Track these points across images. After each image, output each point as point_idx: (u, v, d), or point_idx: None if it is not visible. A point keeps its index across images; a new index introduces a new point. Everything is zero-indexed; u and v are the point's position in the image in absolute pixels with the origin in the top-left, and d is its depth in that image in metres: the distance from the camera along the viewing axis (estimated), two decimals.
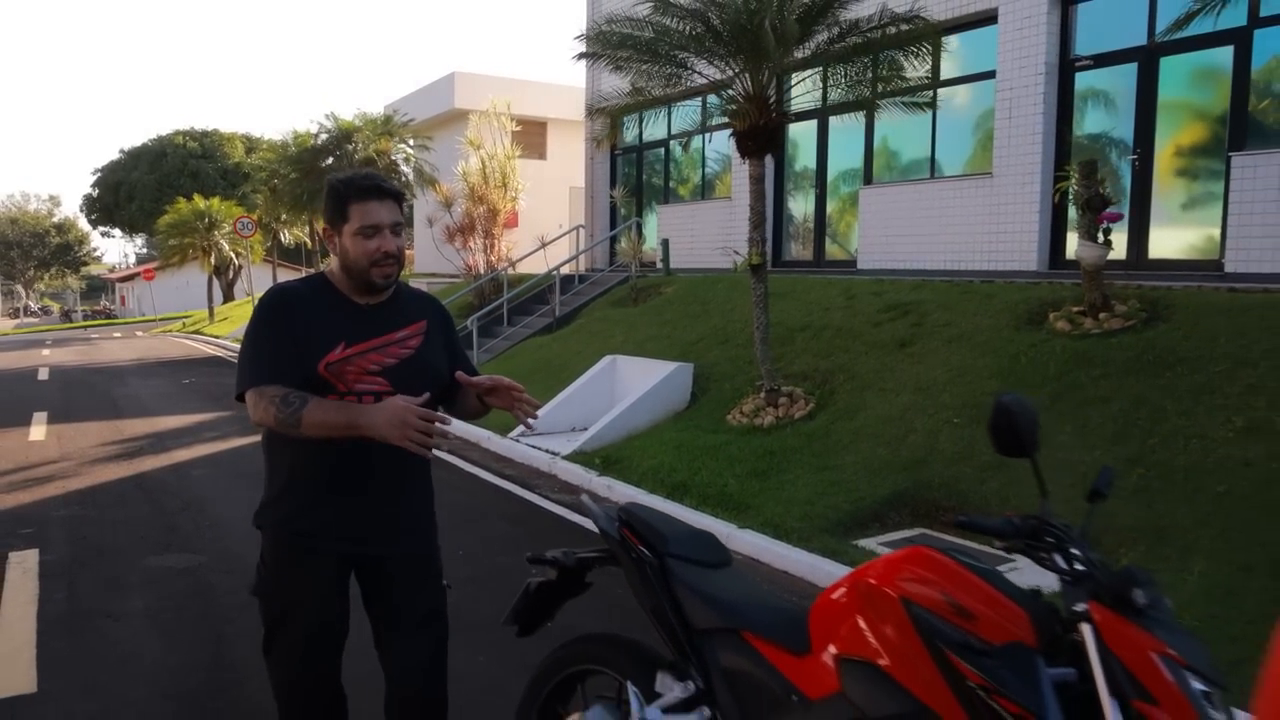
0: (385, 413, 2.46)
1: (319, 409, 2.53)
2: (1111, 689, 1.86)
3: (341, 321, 2.69)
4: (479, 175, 17.17)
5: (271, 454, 2.79)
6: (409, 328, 2.77)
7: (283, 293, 2.73)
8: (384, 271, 2.67)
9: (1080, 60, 11.35)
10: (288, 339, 2.63)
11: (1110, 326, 7.76)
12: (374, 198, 2.63)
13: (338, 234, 2.67)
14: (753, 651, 2.41)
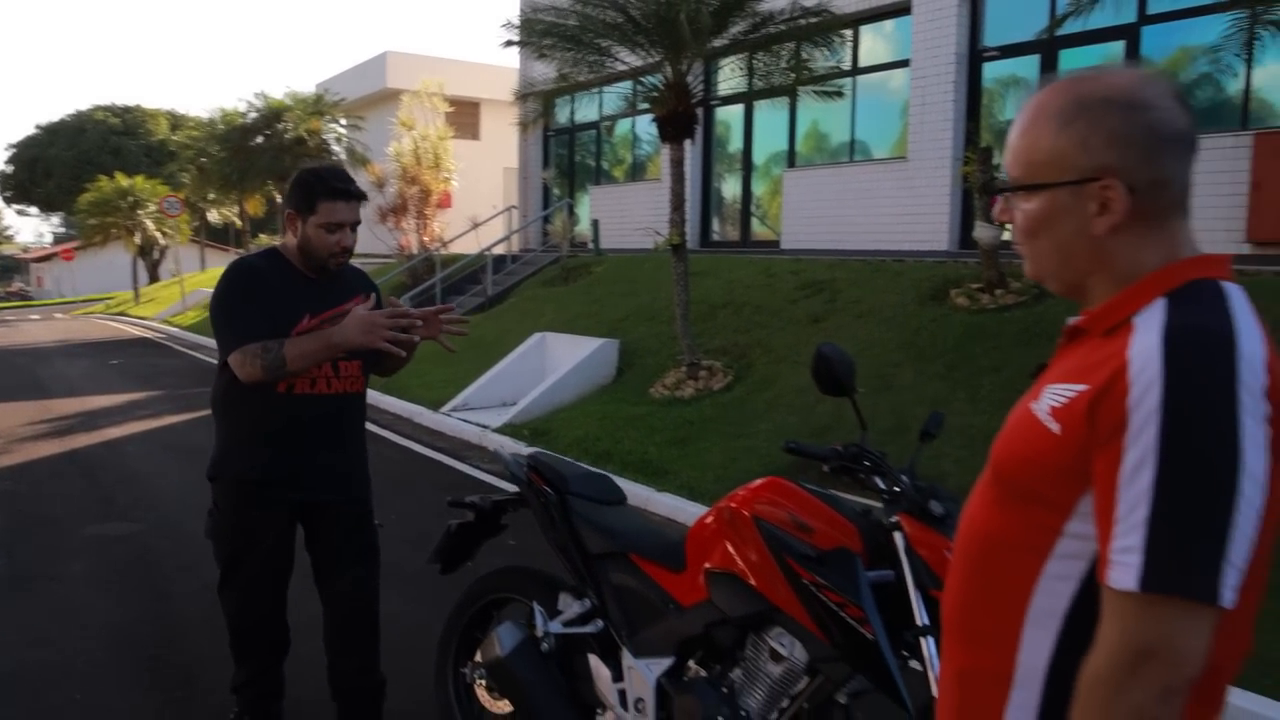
0: (355, 325, 2.82)
1: (296, 345, 2.90)
2: (916, 582, 2.30)
3: (303, 295, 3.05)
4: (412, 156, 17.31)
5: (225, 413, 3.14)
6: (353, 301, 3.13)
7: (249, 266, 3.09)
8: (338, 261, 3.05)
9: (988, 51, 11.93)
10: (259, 305, 2.98)
11: (1004, 302, 8.33)
12: (342, 199, 3.00)
13: (302, 221, 3.02)
14: (638, 571, 2.82)
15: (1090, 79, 1.32)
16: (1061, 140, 1.31)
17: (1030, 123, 1.35)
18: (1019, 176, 1.38)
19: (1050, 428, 1.27)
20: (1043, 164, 1.34)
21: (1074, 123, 1.30)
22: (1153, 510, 1.13)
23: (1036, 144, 1.34)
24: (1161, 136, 1.27)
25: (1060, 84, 1.34)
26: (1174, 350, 1.17)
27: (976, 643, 1.40)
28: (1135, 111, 1.27)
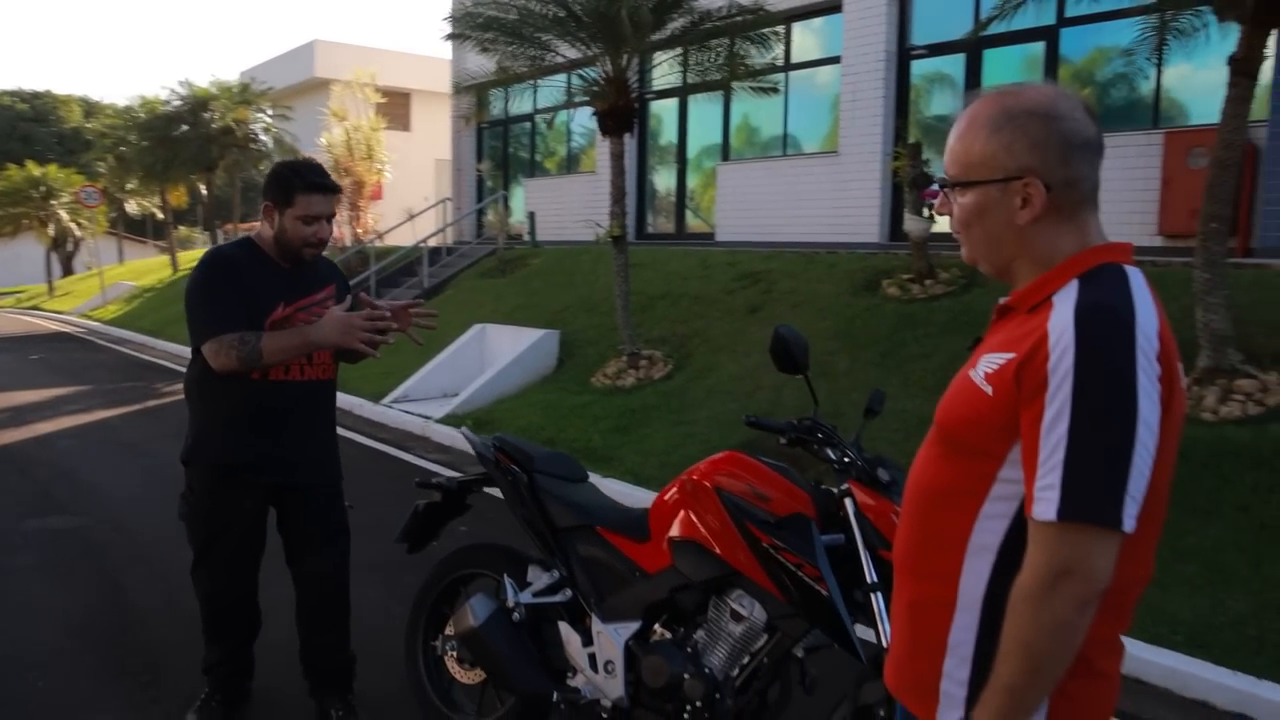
0: (333, 325, 2.95)
1: (273, 339, 3.02)
2: (865, 542, 2.51)
3: (278, 284, 3.16)
4: (344, 146, 17.18)
5: (200, 400, 3.24)
6: (324, 290, 3.26)
7: (225, 256, 3.19)
8: (313, 252, 3.16)
9: (916, 49, 12.30)
10: (235, 294, 3.07)
11: (934, 292, 8.66)
12: (319, 192, 3.11)
13: (279, 213, 3.12)
14: (604, 542, 2.99)
15: (1015, 93, 1.55)
16: (991, 145, 1.54)
17: (965, 129, 1.58)
18: (956, 175, 1.60)
19: (985, 390, 1.50)
20: (976, 164, 1.56)
21: (1001, 130, 1.53)
22: (1067, 454, 1.36)
23: (970, 148, 1.56)
24: (1073, 143, 1.51)
25: (990, 97, 1.57)
26: (1084, 323, 1.40)
27: (925, 577, 1.61)
28: (1052, 121, 1.51)
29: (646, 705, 2.80)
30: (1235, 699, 3.81)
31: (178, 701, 3.62)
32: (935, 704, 1.57)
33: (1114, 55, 10.54)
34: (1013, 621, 1.41)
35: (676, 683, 2.70)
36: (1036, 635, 1.37)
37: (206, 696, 3.46)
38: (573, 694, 2.95)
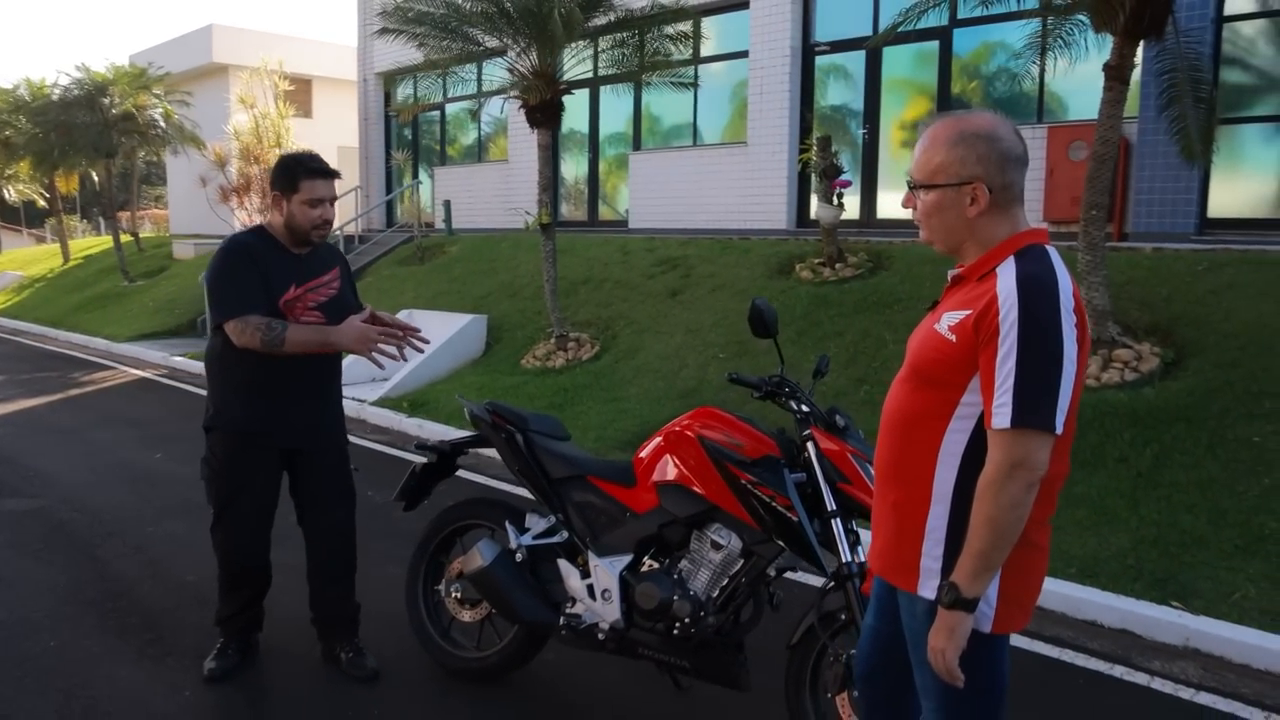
0: (353, 332, 3.36)
1: (297, 331, 3.39)
2: (825, 477, 3.02)
3: (289, 267, 3.51)
4: (252, 134, 17.07)
5: (220, 372, 3.57)
6: (330, 273, 3.62)
7: (242, 243, 3.53)
8: (321, 233, 3.51)
9: (819, 46, 12.96)
10: (255, 277, 3.41)
11: (844, 275, 9.30)
12: (320, 177, 3.47)
13: (286, 200, 3.47)
14: (596, 489, 3.44)
15: (967, 119, 2.10)
16: (950, 157, 2.08)
17: (929, 145, 2.12)
18: (921, 180, 2.14)
19: (950, 339, 2.03)
20: (937, 171, 2.10)
21: (956, 146, 2.07)
22: (1016, 380, 1.90)
23: (933, 159, 2.10)
24: (1009, 158, 2.06)
25: (948, 121, 2.11)
26: (1024, 287, 1.96)
27: (904, 482, 2.13)
28: (994, 142, 2.06)
29: (640, 625, 3.27)
30: (1119, 618, 4.46)
31: (189, 654, 3.93)
32: (917, 578, 2.10)
33: (1001, 54, 11.38)
34: (980, 504, 1.93)
35: (666, 604, 3.17)
36: (998, 512, 1.90)
37: (222, 646, 3.79)
38: (574, 620, 3.40)
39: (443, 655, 3.80)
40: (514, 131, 16.77)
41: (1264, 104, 9.76)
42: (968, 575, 1.96)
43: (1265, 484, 5.29)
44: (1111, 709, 3.71)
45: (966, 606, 1.97)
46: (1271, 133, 9.74)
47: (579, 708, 3.59)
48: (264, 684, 3.72)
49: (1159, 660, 4.14)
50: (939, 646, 2.00)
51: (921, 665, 2.17)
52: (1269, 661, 4.06)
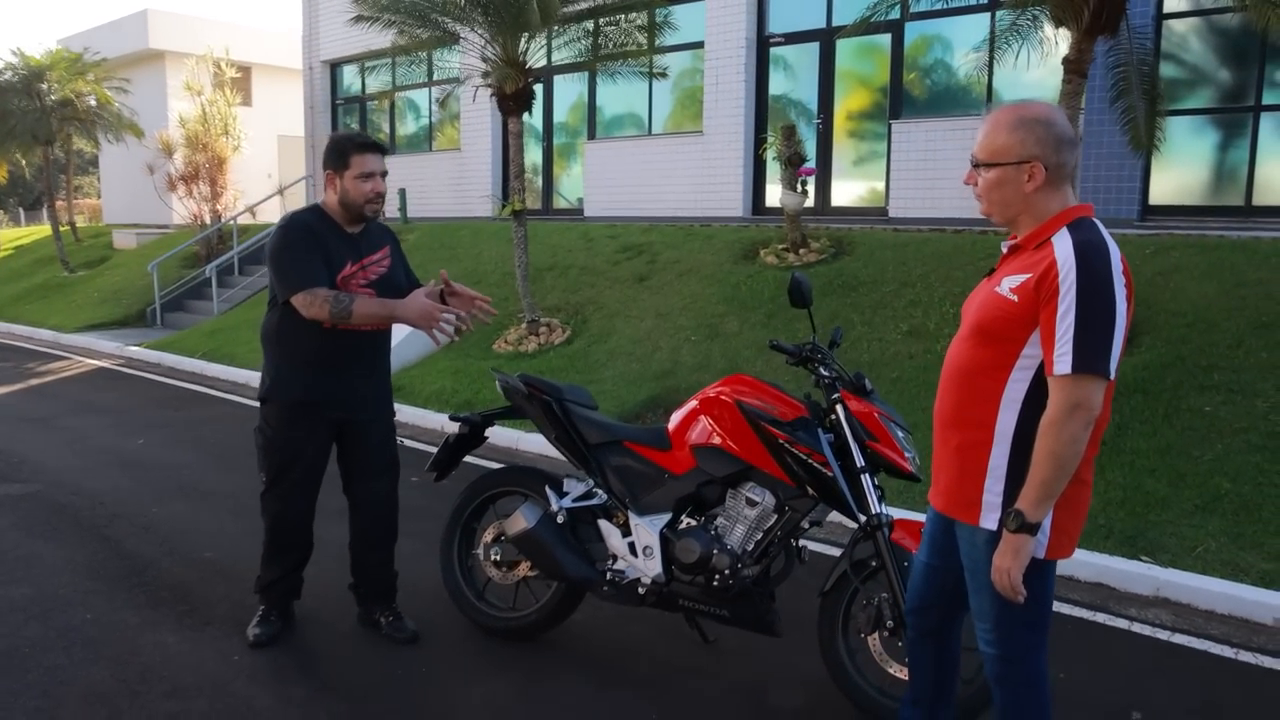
0: (417, 308, 3.51)
1: (364, 305, 3.54)
2: (854, 436, 3.28)
3: (345, 245, 3.67)
4: (200, 121, 16.85)
5: (277, 346, 3.73)
6: (381, 251, 3.78)
7: (302, 220, 3.67)
8: (374, 207, 3.67)
9: (774, 38, 13.27)
10: (319, 252, 3.56)
11: (809, 259, 9.62)
12: (371, 152, 3.63)
13: (339, 177, 3.62)
14: (633, 453, 3.67)
15: (1026, 106, 2.38)
16: (1011, 139, 2.34)
17: (991, 129, 2.39)
18: (985, 159, 2.40)
19: (1012, 299, 2.31)
20: (999, 151, 2.37)
21: (1017, 130, 2.34)
22: (1075, 332, 2.18)
23: (995, 141, 2.36)
24: (1062, 141, 2.34)
25: (1008, 108, 2.38)
26: (1080, 252, 2.24)
27: (968, 426, 2.40)
28: (1049, 126, 2.33)
29: (680, 579, 3.50)
30: (1095, 572, 4.82)
31: (228, 623, 4.06)
32: (979, 511, 2.38)
33: (951, 47, 11.80)
34: (1043, 440, 2.21)
35: (706, 558, 3.42)
36: (1060, 447, 2.18)
37: (264, 613, 3.94)
38: (617, 576, 3.62)
39: (480, 616, 3.99)
40: (467, 120, 16.83)
41: (1196, 98, 10.32)
42: (1032, 503, 2.24)
43: (1218, 449, 5.71)
44: (1102, 649, 4.05)
45: (1030, 530, 2.25)
46: (1202, 125, 10.31)
47: (614, 662, 3.81)
48: (310, 647, 3.88)
49: (1134, 608, 4.50)
50: (1005, 566, 2.28)
51: (979, 591, 2.45)
52: (1232, 607, 4.45)
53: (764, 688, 3.60)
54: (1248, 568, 4.71)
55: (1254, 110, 9.91)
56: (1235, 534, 5.01)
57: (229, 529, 5.35)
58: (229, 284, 15.21)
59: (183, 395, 9.92)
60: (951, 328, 7.79)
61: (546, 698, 3.49)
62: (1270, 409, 5.94)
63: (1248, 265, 7.55)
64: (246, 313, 13.72)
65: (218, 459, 7.06)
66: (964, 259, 8.91)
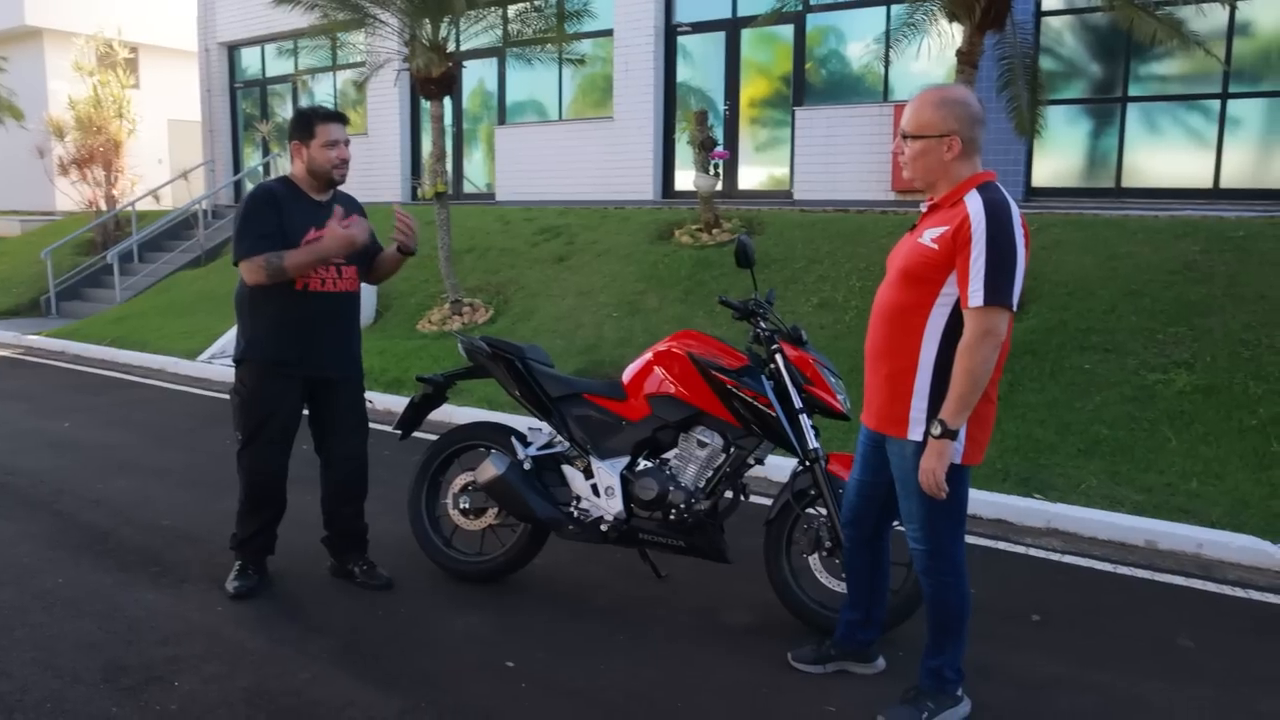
0: (335, 241, 3.82)
1: (292, 256, 3.84)
2: (793, 381, 3.71)
3: (310, 213, 3.92)
4: (91, 103, 16.39)
5: (251, 308, 3.97)
6: (348, 219, 4.03)
7: (266, 190, 3.92)
8: (341, 172, 3.95)
9: (681, 27, 13.70)
10: (273, 221, 3.81)
11: (722, 239, 10.09)
12: (334, 121, 3.92)
13: (306, 147, 3.89)
14: (592, 404, 4.04)
15: (948, 89, 2.87)
16: (935, 116, 2.82)
17: (919, 106, 2.87)
18: (912, 131, 2.84)
19: (933, 248, 2.78)
20: (924, 125, 2.83)
21: (940, 108, 2.81)
22: (986, 272, 2.66)
23: (922, 116, 2.83)
24: (976, 119, 2.82)
25: (934, 90, 2.86)
26: (988, 207, 2.73)
27: (896, 355, 2.88)
28: (967, 106, 2.81)
29: (639, 515, 3.89)
30: (995, 510, 5.38)
31: (203, 581, 4.26)
32: (907, 426, 2.83)
33: (852, 38, 12.42)
34: (960, 361, 2.69)
35: (663, 495, 3.81)
36: (975, 365, 2.66)
37: (241, 568, 4.16)
38: (582, 515, 3.99)
39: (449, 561, 4.31)
40: (374, 104, 16.84)
41: (1071, 89, 11.16)
42: (952, 413, 2.71)
43: (1097, 401, 6.37)
44: (1005, 570, 4.59)
45: (951, 436, 2.73)
46: (1077, 114, 11.15)
47: (577, 597, 4.18)
48: (291, 596, 4.13)
49: (1029, 538, 5.08)
50: (930, 467, 2.75)
51: (908, 496, 2.91)
52: (1111, 533, 5.06)
53: (717, 611, 4.02)
54: (1123, 500, 5.34)
55: (1122, 101, 10.79)
56: (1113, 473, 5.65)
57: (182, 499, 5.51)
58: (130, 271, 14.95)
59: (98, 381, 9.84)
60: (858, 300, 8.37)
61: (523, 628, 3.84)
62: (1140, 365, 6.64)
63: (1119, 240, 8.30)
64: (152, 299, 13.56)
65: (153, 438, 7.14)
66: (867, 237, 9.50)
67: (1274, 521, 4.97)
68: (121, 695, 3.25)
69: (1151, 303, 7.25)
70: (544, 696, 3.29)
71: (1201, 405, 6.14)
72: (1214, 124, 10.28)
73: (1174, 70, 10.60)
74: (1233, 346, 6.61)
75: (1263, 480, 5.38)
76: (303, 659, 3.54)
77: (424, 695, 3.28)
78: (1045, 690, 3.39)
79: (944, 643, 3.05)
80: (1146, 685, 3.43)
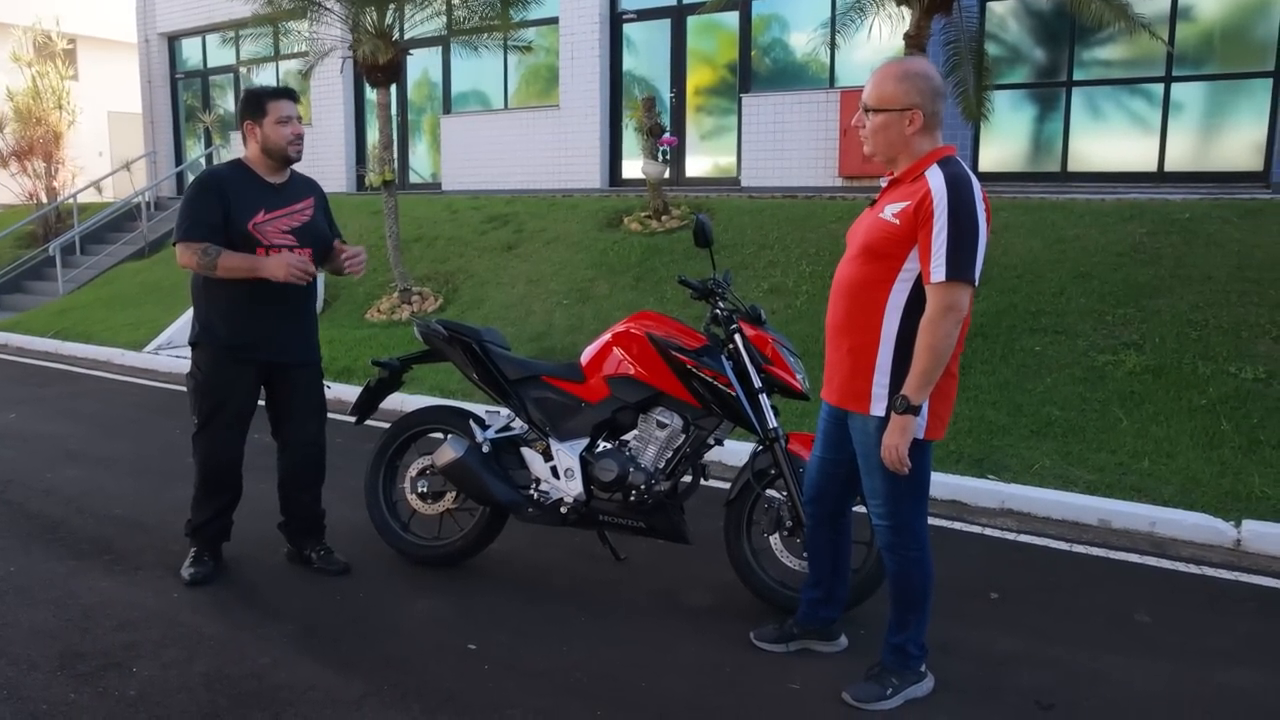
0: (275, 261, 3.76)
1: (229, 258, 3.78)
2: (752, 360, 3.71)
3: (259, 195, 3.85)
4: (30, 94, 15.98)
5: (205, 294, 3.89)
6: (304, 201, 3.98)
7: (212, 174, 3.84)
8: (296, 148, 3.87)
9: (626, 14, 13.65)
10: (214, 206, 3.75)
11: (671, 226, 10.09)
12: (285, 98, 3.85)
13: (259, 125, 3.81)
14: (551, 386, 4.00)
15: (911, 62, 2.85)
16: (897, 89, 2.82)
17: (881, 79, 2.86)
18: (873, 105, 2.84)
19: (894, 223, 2.78)
20: (886, 99, 2.83)
21: (902, 82, 2.81)
22: (947, 248, 2.66)
23: (884, 90, 2.82)
24: (938, 92, 2.82)
25: (895, 62, 2.85)
26: (950, 183, 2.73)
27: (857, 331, 2.87)
28: (929, 80, 2.82)
29: (599, 497, 3.87)
30: (950, 491, 5.42)
31: (158, 568, 4.18)
32: (869, 402, 2.84)
33: (797, 24, 12.47)
34: (923, 337, 2.70)
35: (623, 476, 3.79)
36: (937, 341, 2.67)
37: (196, 554, 4.09)
38: (542, 497, 3.96)
39: (407, 546, 4.26)
40: (319, 94, 16.59)
41: (1016, 74, 11.30)
42: (914, 388, 2.72)
43: (1048, 382, 6.47)
44: (961, 549, 4.64)
45: (914, 411, 2.73)
46: (1022, 99, 11.30)
47: (537, 581, 4.15)
48: (247, 582, 4.06)
49: (984, 518, 5.14)
50: (893, 442, 2.75)
51: (871, 472, 2.92)
52: (1064, 512, 5.13)
53: (677, 592, 4.01)
54: (1075, 480, 5.42)
55: (1066, 86, 10.95)
56: (1065, 453, 5.73)
57: (133, 489, 5.39)
58: (72, 264, 14.57)
59: (43, 372, 9.61)
60: (809, 284, 8.41)
61: (483, 611, 3.80)
62: (1089, 347, 6.75)
63: (1066, 223, 8.44)
64: (96, 291, 13.24)
65: (101, 429, 6.98)
66: (816, 222, 9.56)
67: (1225, 499, 5.07)
68: (79, 682, 3.19)
69: (1100, 285, 7.38)
70: (507, 678, 3.27)
71: (1151, 385, 6.26)
72: (1158, 108, 10.47)
73: (1117, 55, 10.78)
74: (1181, 327, 6.75)
75: (1213, 459, 5.49)
76: (262, 644, 3.48)
77: (386, 678, 3.23)
78: (1006, 665, 3.42)
79: (907, 619, 3.07)
80: (1105, 659, 3.49)
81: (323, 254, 4.10)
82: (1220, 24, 10.25)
